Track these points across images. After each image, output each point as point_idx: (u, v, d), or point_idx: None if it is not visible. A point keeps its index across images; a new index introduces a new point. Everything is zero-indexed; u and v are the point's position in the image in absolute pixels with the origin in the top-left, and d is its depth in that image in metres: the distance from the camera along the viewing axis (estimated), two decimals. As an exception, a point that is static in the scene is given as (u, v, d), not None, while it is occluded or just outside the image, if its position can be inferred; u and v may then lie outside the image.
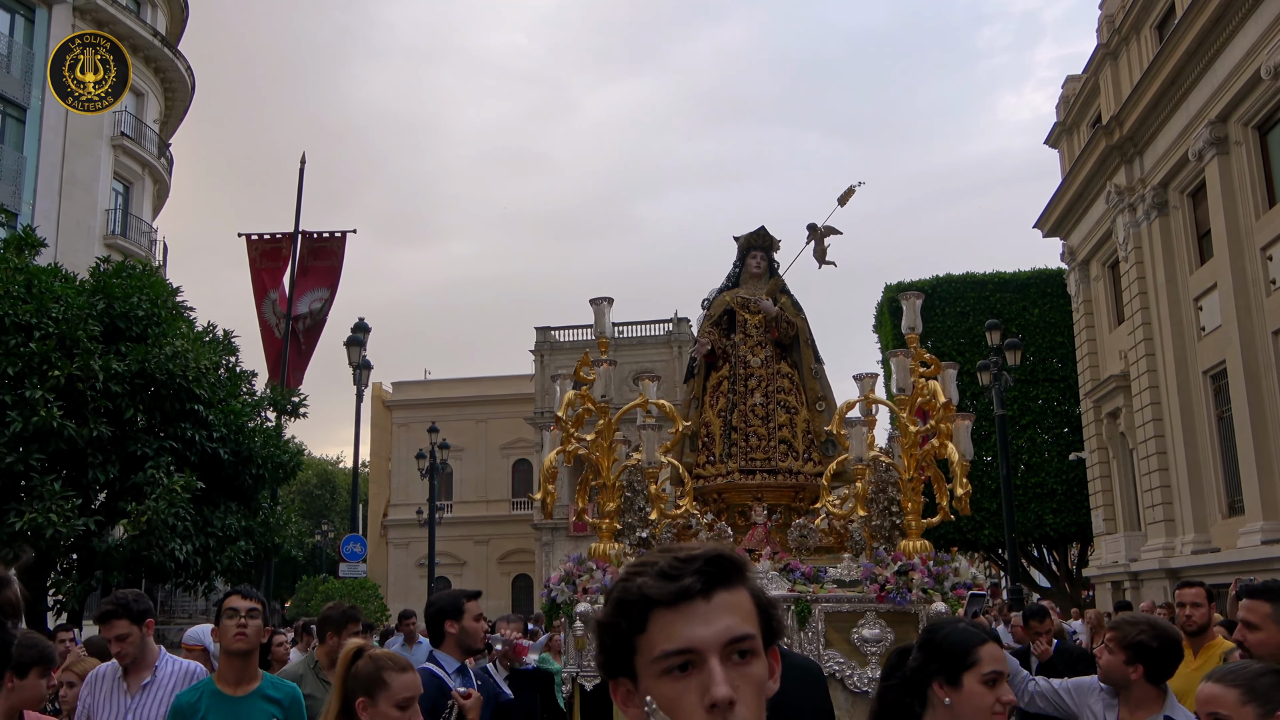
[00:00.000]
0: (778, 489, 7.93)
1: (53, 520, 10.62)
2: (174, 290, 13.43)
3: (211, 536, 12.15)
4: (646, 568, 1.45)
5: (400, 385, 61.81)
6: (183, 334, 12.47)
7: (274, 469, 13.21)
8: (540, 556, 52.78)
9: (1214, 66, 20.02)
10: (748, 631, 1.42)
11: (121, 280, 12.74)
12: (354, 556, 19.65)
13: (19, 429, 11.06)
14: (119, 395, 11.73)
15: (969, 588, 6.49)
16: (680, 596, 1.40)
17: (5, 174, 27.93)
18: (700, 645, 1.39)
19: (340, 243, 17.92)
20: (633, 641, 1.43)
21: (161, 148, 35.03)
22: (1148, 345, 23.85)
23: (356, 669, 3.36)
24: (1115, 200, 25.00)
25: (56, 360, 11.44)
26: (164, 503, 11.06)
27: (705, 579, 1.41)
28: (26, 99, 28.66)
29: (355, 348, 19.24)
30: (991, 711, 2.62)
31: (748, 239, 8.83)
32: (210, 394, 12.37)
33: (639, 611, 1.42)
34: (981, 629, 2.78)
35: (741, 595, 1.45)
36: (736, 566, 1.46)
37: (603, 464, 7.10)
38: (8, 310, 11.62)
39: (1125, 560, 24.90)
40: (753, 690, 1.41)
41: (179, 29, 36.64)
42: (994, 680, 2.63)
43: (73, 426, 11.25)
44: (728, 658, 1.40)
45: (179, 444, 12.21)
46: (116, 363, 11.78)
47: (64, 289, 12.12)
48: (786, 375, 8.41)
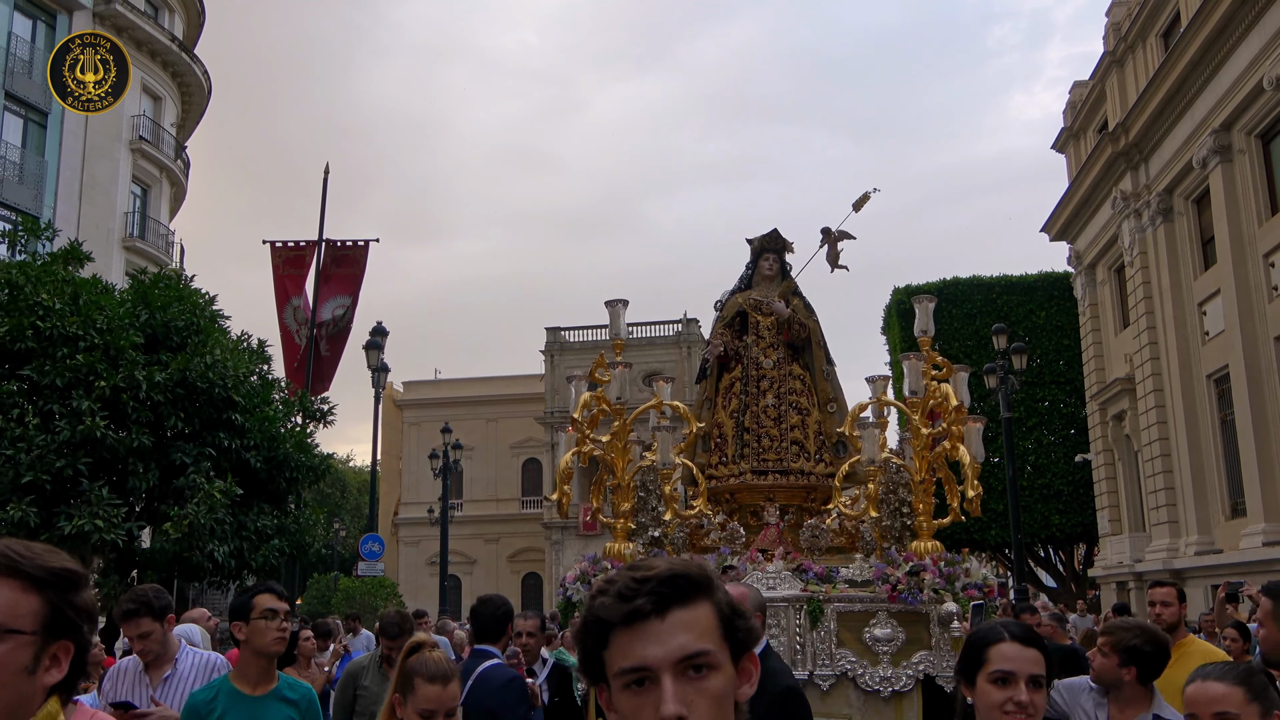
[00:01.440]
0: (790, 489, 8.00)
1: (99, 525, 11.04)
2: (210, 299, 13.85)
3: (246, 539, 12.61)
4: (609, 586, 1.50)
5: (411, 385, 62.19)
6: (220, 344, 12.90)
7: (304, 473, 13.68)
8: (550, 555, 53.17)
9: (1218, 76, 20.33)
10: (702, 648, 1.46)
11: (161, 291, 13.18)
12: (373, 556, 20.04)
13: (67, 437, 11.47)
14: (160, 404, 12.16)
15: (980, 588, 6.63)
16: (633, 617, 1.46)
17: (27, 178, 28.38)
18: (653, 663, 1.44)
19: (363, 251, 18.33)
20: (600, 657, 1.50)
21: (178, 150, 35.46)
22: (1152, 349, 24.16)
23: (406, 664, 3.43)
24: (1121, 206, 25.31)
25: (102, 371, 11.86)
26: (204, 507, 11.50)
27: (658, 599, 1.46)
28: (48, 104, 29.07)
29: (374, 351, 19.65)
30: (1002, 710, 2.60)
31: (761, 241, 8.90)
32: (247, 402, 12.79)
33: (600, 630, 1.49)
34: (1010, 627, 2.76)
35: (700, 611, 1.49)
36: (695, 583, 1.50)
37: (618, 464, 7.20)
38: (55, 323, 12.02)
39: (1130, 561, 25.20)
40: (708, 703, 1.45)
41: (195, 33, 37.06)
42: (1003, 679, 2.61)
43: (116, 436, 11.67)
44: (683, 674, 1.45)
45: (216, 451, 12.64)
46: (159, 372, 12.20)
47: (106, 300, 12.57)
48: (798, 377, 8.47)
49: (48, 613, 1.63)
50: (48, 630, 1.63)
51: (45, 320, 12.02)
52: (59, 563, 1.69)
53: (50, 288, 12.09)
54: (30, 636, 1.60)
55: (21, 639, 1.59)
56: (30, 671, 1.60)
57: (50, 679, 1.63)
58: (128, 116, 31.70)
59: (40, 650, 1.62)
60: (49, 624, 1.63)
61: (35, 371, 11.89)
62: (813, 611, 6.38)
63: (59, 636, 1.64)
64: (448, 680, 3.39)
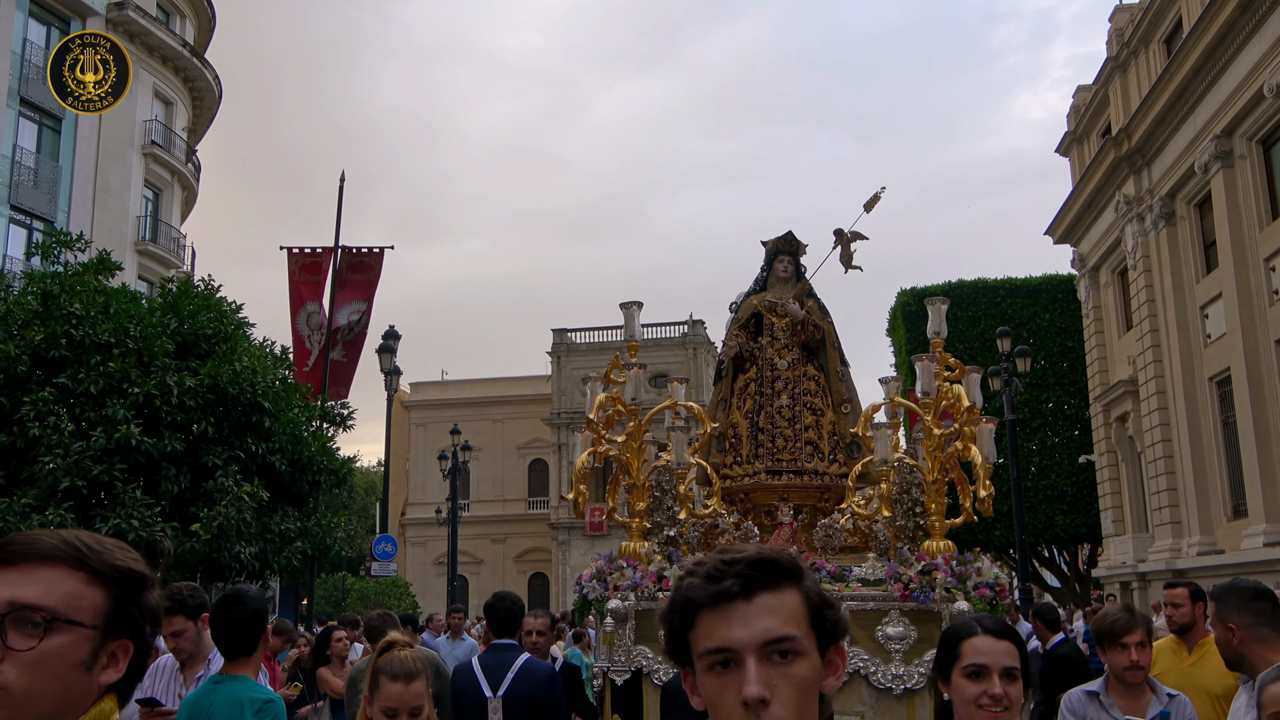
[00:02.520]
0: (804, 489, 8.03)
1: (134, 525, 11.40)
2: (237, 308, 14.18)
3: (270, 540, 12.96)
4: (698, 568, 1.52)
5: (418, 386, 62.53)
6: (248, 351, 13.22)
7: (326, 475, 14.01)
8: (557, 555, 53.49)
9: (1219, 82, 20.57)
10: (788, 633, 1.46)
11: (190, 300, 13.53)
12: (385, 556, 20.35)
13: (102, 444, 11.84)
14: (191, 409, 12.52)
15: (992, 587, 6.63)
16: (720, 598, 1.47)
17: (42, 182, 28.72)
18: (738, 645, 1.45)
19: (378, 258, 18.64)
20: (686, 637, 1.51)
21: (189, 154, 35.78)
22: (1155, 352, 24.39)
23: (377, 662, 3.44)
24: (1124, 210, 25.55)
25: (135, 378, 12.22)
26: (233, 509, 11.86)
27: (745, 581, 1.47)
28: (61, 109, 29.39)
29: (386, 355, 19.96)
30: (976, 704, 2.61)
31: (775, 243, 8.94)
32: (273, 407, 13.13)
33: (687, 611, 1.51)
34: (983, 620, 2.79)
35: (788, 597, 1.49)
36: (784, 569, 1.51)
37: (633, 464, 7.25)
38: (89, 331, 12.36)
39: (1133, 561, 25.43)
40: (792, 689, 1.45)
41: (205, 38, 37.36)
42: (976, 673, 2.63)
43: (149, 442, 12.04)
44: (767, 657, 1.45)
45: (244, 454, 13.00)
46: (189, 379, 12.56)
47: (136, 308, 12.90)
48: (813, 378, 8.50)
49: (111, 609, 1.60)
50: (109, 627, 1.60)
51: (78, 329, 12.35)
52: (127, 560, 1.67)
53: (82, 297, 12.45)
54: (90, 631, 1.58)
55: (81, 632, 1.56)
56: (87, 667, 1.58)
57: (107, 678, 1.61)
58: (140, 121, 32.05)
59: (99, 646, 1.59)
60: (111, 621, 1.60)
61: (70, 379, 12.23)
62: None
63: (120, 635, 1.62)
64: (411, 679, 3.35)
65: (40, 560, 1.57)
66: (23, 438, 11.91)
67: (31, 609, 1.52)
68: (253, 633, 4.20)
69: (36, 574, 1.55)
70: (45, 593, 1.54)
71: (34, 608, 1.52)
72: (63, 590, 1.56)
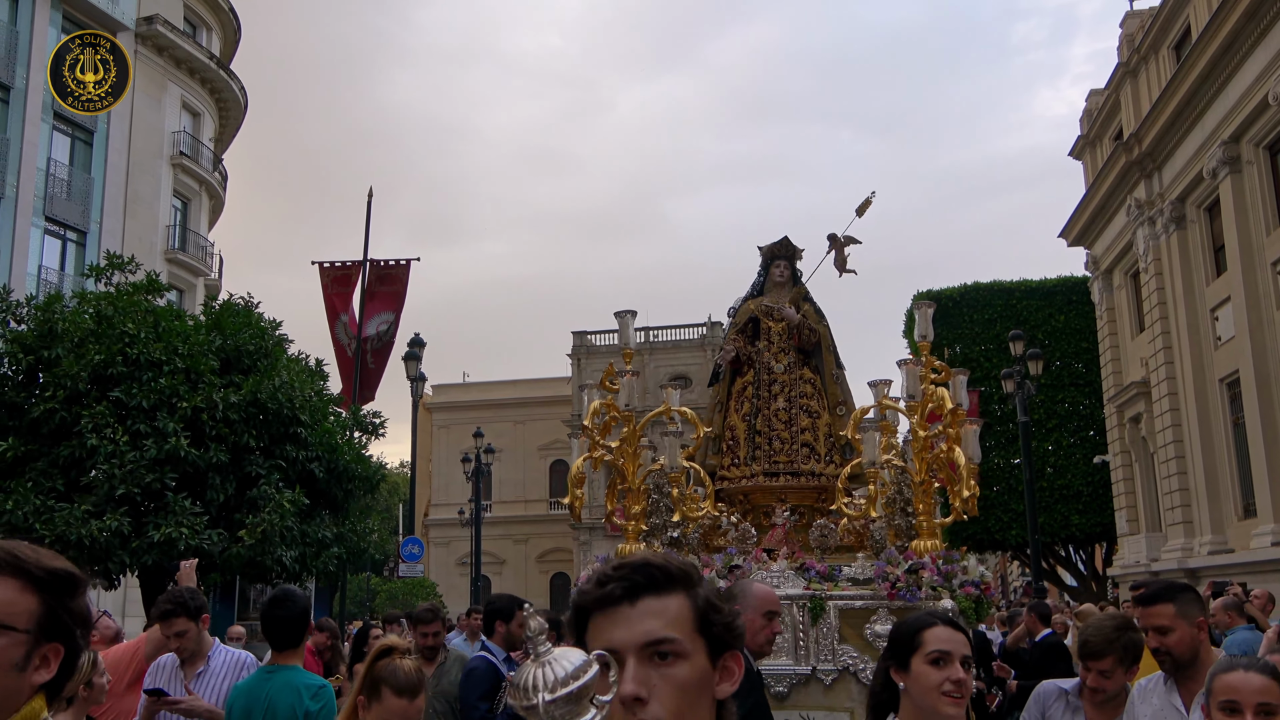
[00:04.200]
0: (800, 490, 8.24)
1: (184, 533, 12.16)
2: (276, 325, 14.91)
3: (309, 545, 13.64)
4: (593, 576, 1.60)
5: (440, 388, 63.19)
6: (289, 367, 13.97)
7: (360, 483, 14.75)
8: (578, 555, 54.02)
9: (1226, 89, 20.91)
10: (667, 635, 1.51)
11: (232, 317, 14.31)
12: (412, 558, 20.96)
13: (154, 454, 12.59)
14: (235, 422, 13.26)
15: (977, 585, 6.89)
16: (605, 602, 1.54)
17: (75, 194, 29.46)
18: (619, 645, 1.50)
19: (405, 269, 19.37)
20: (583, 640, 1.57)
21: (216, 164, 36.49)
22: (1167, 354, 24.71)
23: (375, 669, 3.38)
24: (1135, 213, 25.88)
25: (184, 393, 12.98)
26: (276, 515, 12.60)
27: (629, 586, 1.54)
28: (93, 123, 30.18)
29: (412, 362, 20.60)
30: (940, 690, 2.68)
31: (771, 248, 9.12)
32: (310, 418, 13.86)
33: (580, 616, 1.58)
34: (937, 615, 2.90)
35: (672, 601, 1.54)
36: (670, 575, 1.56)
37: (628, 469, 7.43)
38: (141, 349, 13.18)
39: (1146, 560, 25.74)
40: (671, 689, 1.49)
41: (231, 50, 38.07)
42: (939, 660, 2.70)
43: (197, 453, 12.78)
44: (648, 659, 1.50)
45: (284, 463, 13.73)
46: (234, 394, 13.31)
47: (182, 326, 13.69)
48: (809, 380, 8.66)
49: (43, 614, 1.66)
50: (41, 631, 1.66)
51: (131, 347, 13.13)
52: (59, 565, 1.72)
53: (134, 317, 13.21)
54: (23, 635, 1.63)
55: (15, 636, 1.62)
56: (20, 669, 1.63)
57: (39, 678, 1.66)
58: (169, 132, 32.80)
59: (32, 650, 1.65)
60: (43, 625, 1.66)
61: (124, 394, 13.00)
62: (814, 609, 6.66)
63: (51, 638, 1.68)
64: (415, 694, 3.33)
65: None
66: (81, 448, 12.70)
67: None
68: (300, 628, 4.69)
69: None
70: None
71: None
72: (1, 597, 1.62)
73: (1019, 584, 42.04)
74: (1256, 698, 2.84)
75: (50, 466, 12.81)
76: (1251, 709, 2.84)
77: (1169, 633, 3.90)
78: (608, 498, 8.07)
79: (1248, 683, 2.88)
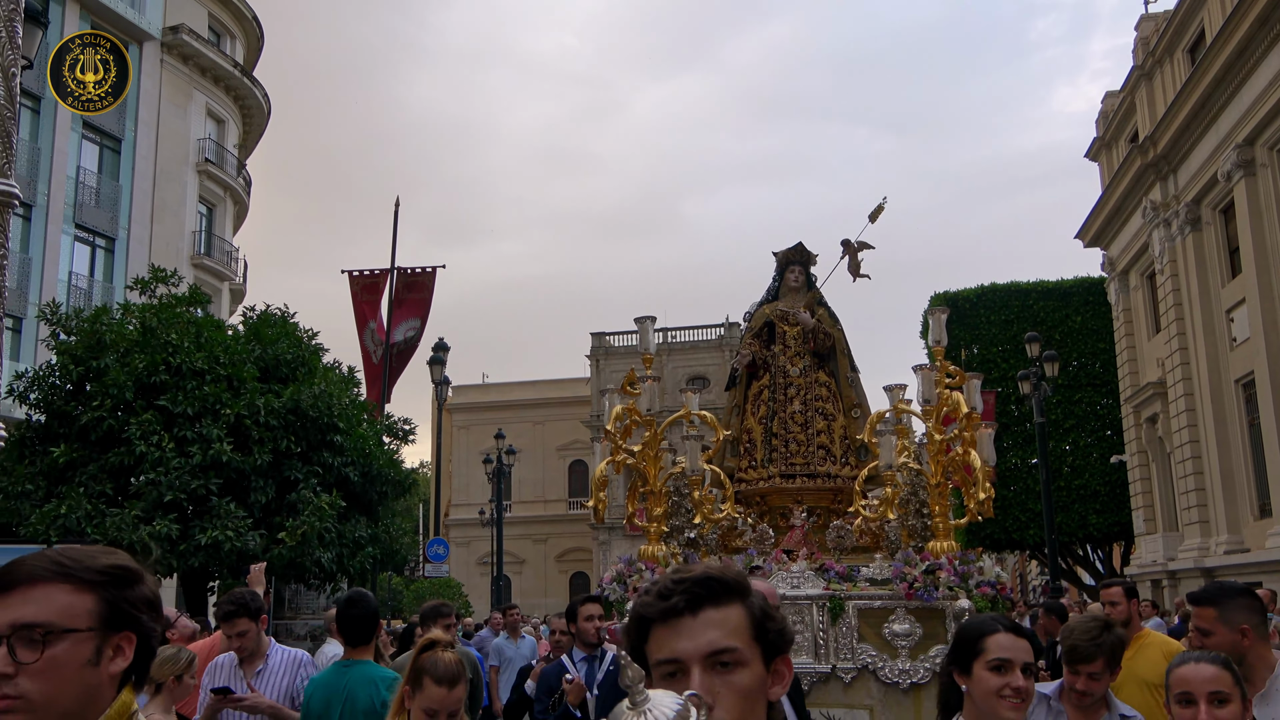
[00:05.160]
0: (817, 492, 8.39)
1: (229, 535, 12.64)
2: (313, 334, 15.42)
3: (345, 546, 14.08)
4: (653, 587, 1.65)
5: (460, 389, 63.53)
6: (326, 376, 14.47)
7: (393, 486, 15.25)
8: (598, 555, 54.41)
9: (1240, 93, 21.09)
10: (729, 645, 1.57)
11: (270, 327, 14.85)
12: (438, 558, 21.34)
13: (199, 460, 13.07)
14: (275, 428, 13.75)
15: (993, 585, 6.98)
16: (669, 614, 1.59)
17: (104, 201, 29.98)
18: (683, 656, 1.56)
19: (430, 277, 19.84)
20: (642, 651, 1.62)
21: (239, 169, 37.00)
22: (1183, 355, 24.87)
23: (419, 661, 3.58)
24: (1151, 215, 26.05)
25: (227, 401, 13.47)
26: (315, 518, 13.06)
27: (691, 598, 1.59)
28: (121, 131, 30.72)
29: (437, 366, 20.99)
30: (999, 695, 2.74)
31: (786, 254, 9.27)
32: (345, 424, 14.34)
33: (641, 626, 1.63)
34: (1002, 620, 2.92)
35: (731, 612, 1.61)
36: (727, 586, 1.62)
37: (650, 472, 7.57)
38: (185, 359, 13.67)
39: (1164, 560, 25.91)
40: (734, 696, 1.55)
41: (255, 57, 38.55)
42: (1000, 667, 2.76)
43: (240, 458, 13.23)
44: (711, 667, 1.56)
45: (321, 468, 14.22)
46: (274, 401, 13.79)
47: (222, 336, 14.22)
48: (824, 384, 8.79)
49: (103, 609, 1.74)
50: (106, 625, 1.74)
51: (175, 357, 13.66)
52: (110, 561, 1.80)
53: (177, 328, 13.73)
54: (88, 633, 1.71)
55: (79, 636, 1.71)
56: (94, 664, 1.71)
57: (115, 667, 1.75)
58: (194, 140, 33.32)
59: (101, 644, 1.73)
60: (106, 619, 1.74)
61: (170, 402, 13.54)
62: (834, 609, 6.81)
63: (119, 629, 1.76)
64: (455, 683, 3.51)
65: (32, 582, 1.72)
66: (129, 455, 13.22)
67: (30, 626, 1.68)
68: (372, 625, 5.07)
69: (32, 594, 1.71)
70: (40, 610, 1.69)
71: (32, 625, 1.68)
72: (55, 604, 1.70)
73: (1038, 583, 42.21)
74: (1208, 686, 2.99)
75: (100, 472, 13.33)
76: (1204, 698, 2.98)
77: (1209, 635, 3.96)
78: (629, 499, 8.22)
79: (1199, 673, 3.03)
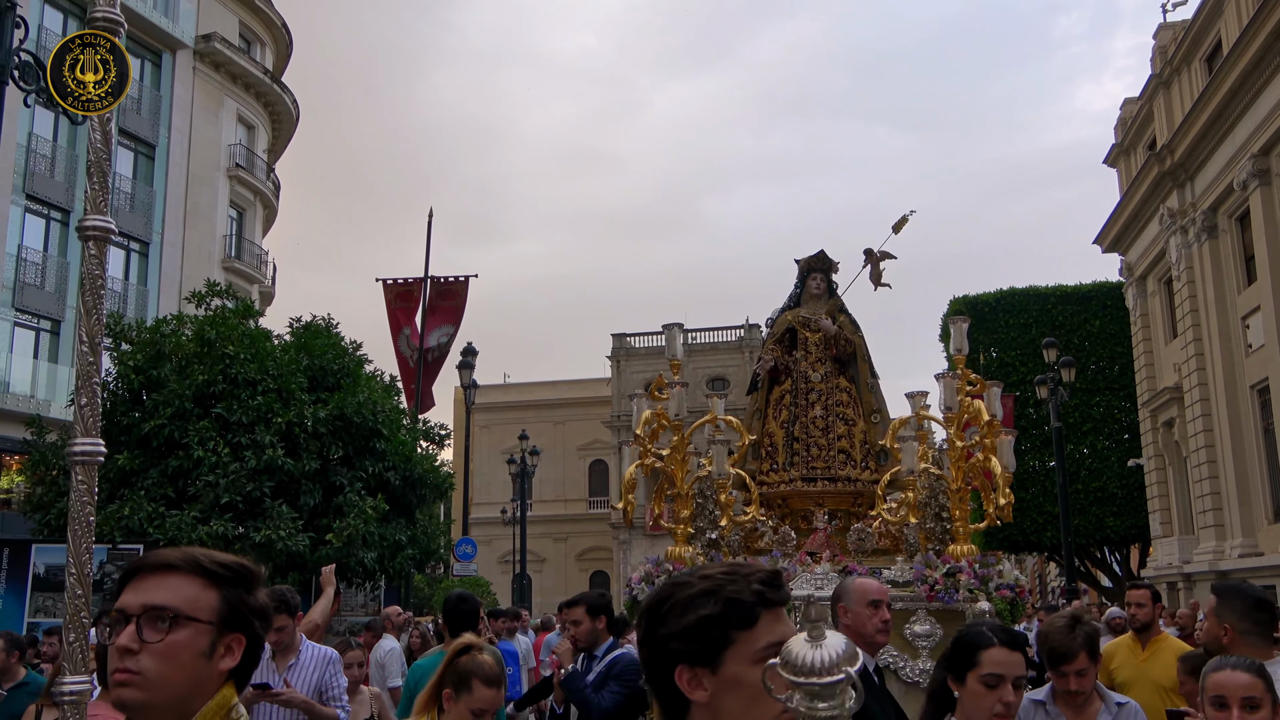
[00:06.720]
0: (838, 495, 8.55)
1: (281, 536, 13.32)
2: (357, 345, 16.13)
3: (386, 547, 14.71)
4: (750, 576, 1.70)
5: (481, 389, 63.92)
6: (369, 386, 15.16)
7: (431, 489, 15.91)
8: (618, 554, 54.90)
9: (1256, 103, 21.40)
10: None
11: (316, 337, 15.54)
12: (466, 557, 21.87)
13: (253, 465, 13.74)
14: (323, 435, 14.41)
15: (1012, 588, 7.14)
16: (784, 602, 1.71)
17: (138, 206, 30.66)
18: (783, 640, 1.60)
19: (464, 285, 20.44)
20: (731, 635, 1.63)
21: (269, 173, 37.66)
22: (1199, 360, 25.17)
23: (457, 663, 3.66)
24: (1168, 222, 26.35)
25: (278, 409, 14.19)
26: (359, 521, 13.74)
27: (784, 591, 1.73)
28: (155, 137, 31.41)
29: (466, 370, 21.58)
30: (991, 712, 2.81)
31: (807, 262, 9.44)
32: (388, 431, 15.02)
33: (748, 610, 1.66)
34: (998, 632, 2.98)
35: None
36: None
37: (677, 475, 7.78)
38: (239, 370, 14.41)
39: (1179, 563, 26.21)
40: None
41: (283, 64, 39.22)
42: (992, 682, 2.83)
43: (291, 463, 13.89)
44: None
45: (365, 473, 14.90)
46: (322, 409, 14.52)
47: (272, 347, 14.94)
48: (845, 389, 8.94)
49: (224, 609, 1.86)
50: (224, 623, 1.86)
51: (231, 367, 14.40)
52: (235, 560, 1.94)
53: (234, 339, 14.44)
54: (208, 626, 1.84)
55: (200, 627, 1.83)
56: (207, 656, 1.83)
57: (225, 664, 1.87)
58: (225, 145, 34.02)
59: (216, 639, 1.85)
60: (225, 618, 1.86)
61: (225, 410, 14.33)
62: None
63: (233, 630, 1.88)
64: (499, 684, 3.65)
65: (168, 570, 1.86)
66: (188, 460, 13.99)
67: (160, 609, 1.81)
68: (475, 618, 5.95)
69: (166, 582, 1.85)
70: (171, 596, 1.83)
71: (162, 608, 1.81)
72: (185, 593, 1.84)
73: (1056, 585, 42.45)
74: (1241, 692, 3.16)
75: (161, 477, 14.07)
76: (1237, 703, 3.16)
77: (1204, 621, 4.41)
78: (656, 501, 8.44)
79: (1234, 680, 3.20)
